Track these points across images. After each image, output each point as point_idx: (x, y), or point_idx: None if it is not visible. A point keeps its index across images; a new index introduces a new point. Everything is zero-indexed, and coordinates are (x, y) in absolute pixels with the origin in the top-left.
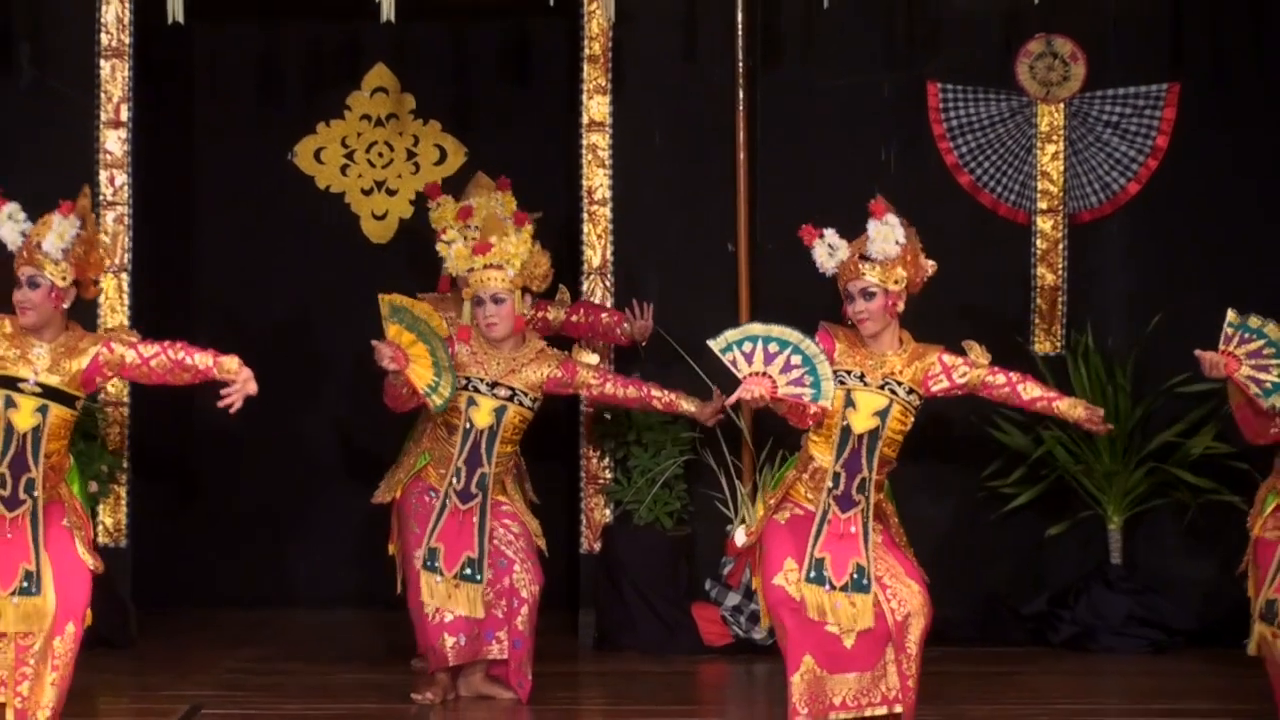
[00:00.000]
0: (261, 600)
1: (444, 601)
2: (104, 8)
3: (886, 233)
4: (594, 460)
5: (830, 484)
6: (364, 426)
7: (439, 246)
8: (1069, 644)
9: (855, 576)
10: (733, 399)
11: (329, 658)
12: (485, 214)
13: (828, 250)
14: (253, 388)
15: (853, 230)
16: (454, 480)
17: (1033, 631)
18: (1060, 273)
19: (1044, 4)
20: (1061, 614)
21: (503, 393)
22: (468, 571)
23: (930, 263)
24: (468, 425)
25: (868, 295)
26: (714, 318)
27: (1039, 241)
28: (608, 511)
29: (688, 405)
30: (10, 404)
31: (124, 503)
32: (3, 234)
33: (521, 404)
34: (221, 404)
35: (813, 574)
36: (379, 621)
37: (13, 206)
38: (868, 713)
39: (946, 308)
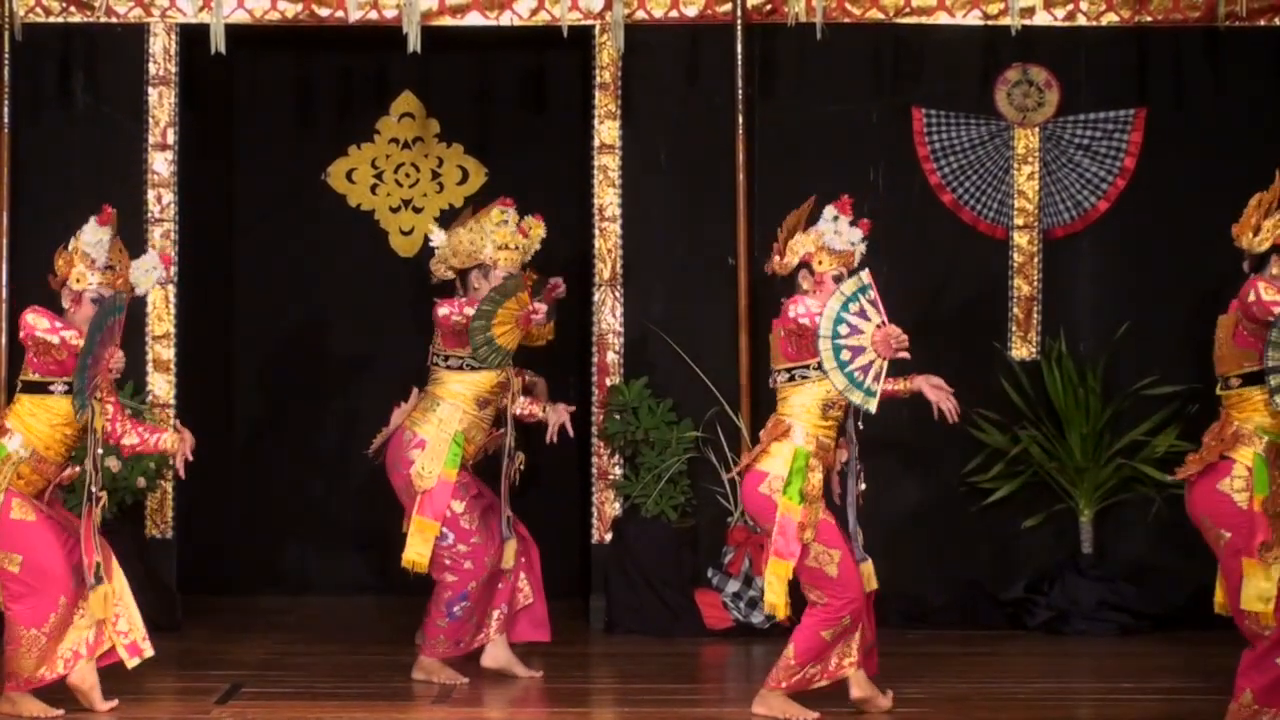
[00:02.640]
0: (297, 586)
1: (510, 562)
2: (152, 40)
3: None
4: (604, 457)
5: (849, 463)
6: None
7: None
8: (1044, 627)
9: (861, 543)
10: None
11: (359, 640)
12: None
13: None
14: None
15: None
16: (511, 444)
17: (1010, 616)
18: (1035, 284)
19: (1020, 36)
20: (1037, 600)
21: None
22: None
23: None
24: (513, 392)
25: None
26: (715, 326)
27: (1016, 255)
28: (617, 505)
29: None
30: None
31: (170, 498)
32: (140, 277)
33: None
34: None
35: (859, 555)
36: (405, 606)
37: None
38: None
39: (930, 316)
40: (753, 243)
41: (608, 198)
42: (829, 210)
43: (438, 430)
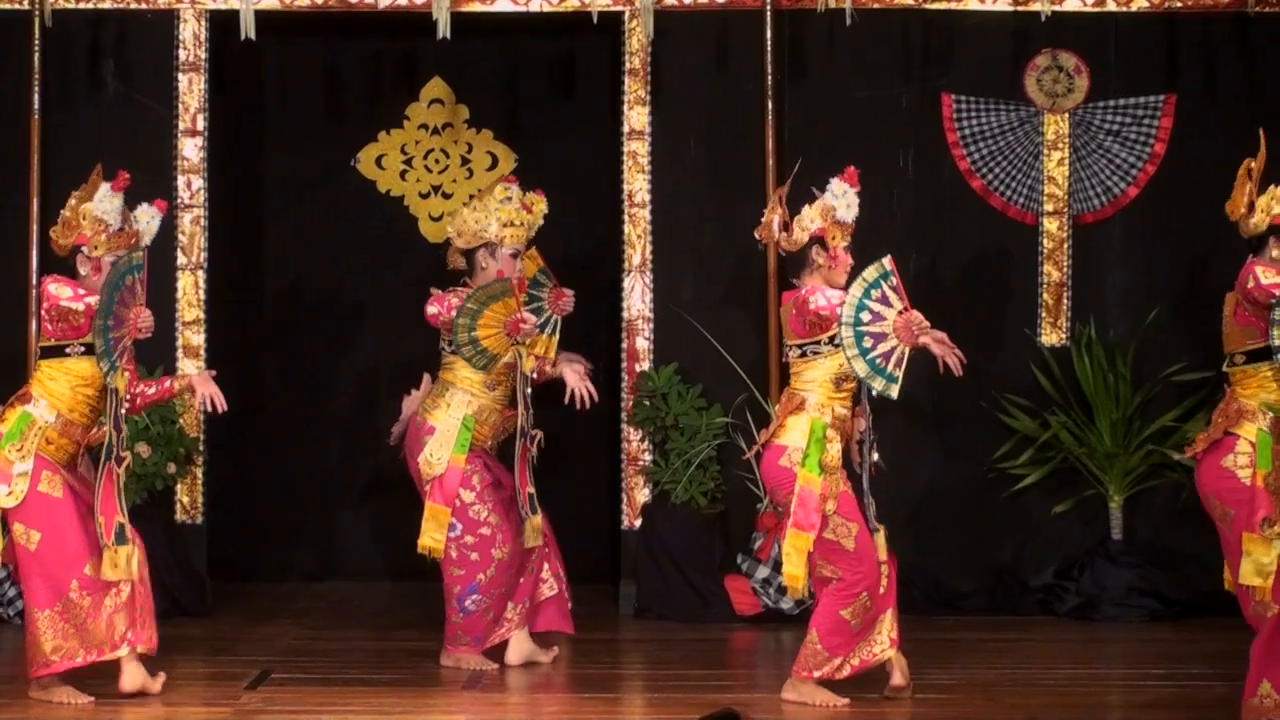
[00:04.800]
0: (326, 572)
1: (535, 539)
2: (181, 26)
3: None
4: (634, 443)
5: (865, 432)
6: None
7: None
8: (1073, 614)
9: (874, 513)
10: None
11: (389, 625)
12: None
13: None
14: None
15: (873, 233)
16: (524, 424)
17: (1040, 602)
18: (1065, 270)
19: (1050, 22)
20: (1067, 586)
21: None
22: (532, 506)
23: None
24: (520, 373)
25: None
26: (745, 312)
27: (1045, 241)
28: (647, 491)
29: (553, 371)
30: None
31: (200, 483)
32: (144, 228)
33: None
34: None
35: (872, 525)
36: (434, 592)
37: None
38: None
39: (961, 302)
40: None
41: (637, 183)
42: (836, 184)
43: (447, 415)
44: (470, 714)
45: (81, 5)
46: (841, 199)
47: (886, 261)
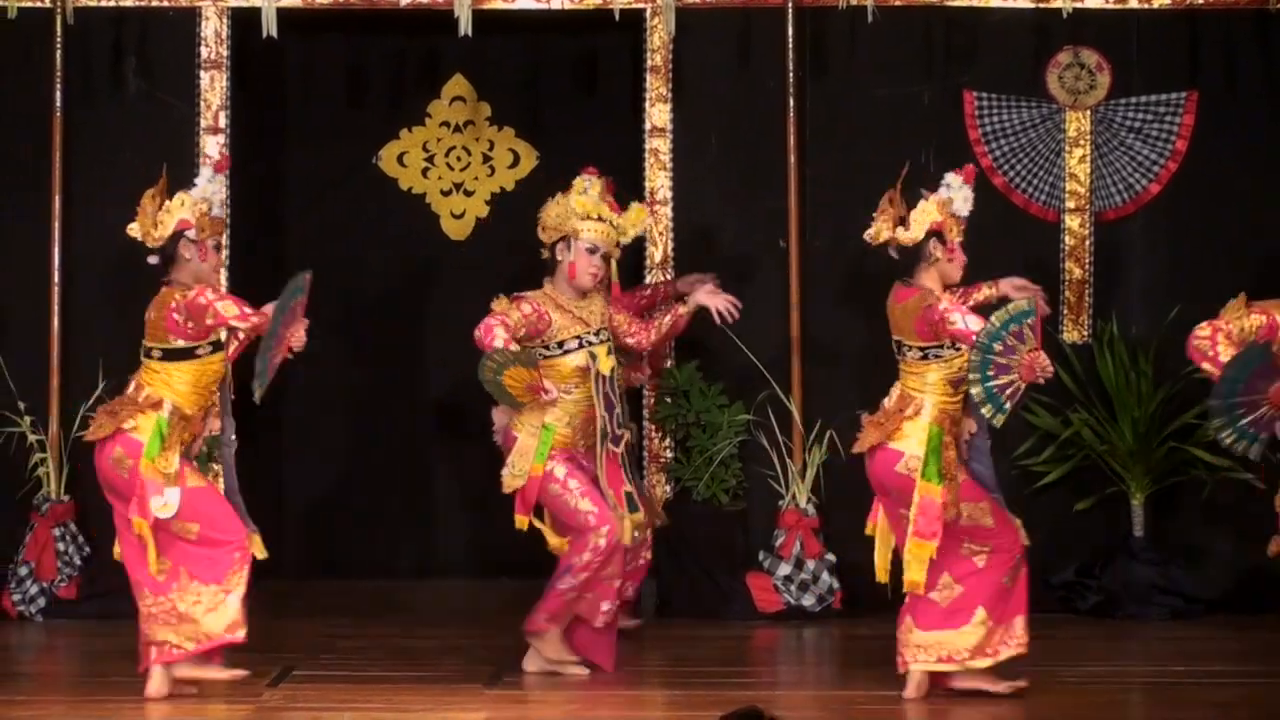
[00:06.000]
0: (348, 570)
1: (628, 536)
2: (203, 23)
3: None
4: (656, 440)
5: (975, 434)
6: (444, 410)
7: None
8: (1095, 611)
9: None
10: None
11: (410, 623)
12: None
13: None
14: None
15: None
16: (605, 428)
17: (1062, 600)
18: (1087, 267)
19: (1072, 18)
20: (1089, 583)
21: (605, 335)
22: (630, 505)
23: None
24: (597, 375)
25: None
26: (767, 310)
27: (1067, 238)
28: (669, 488)
29: (684, 308)
30: None
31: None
32: (212, 195)
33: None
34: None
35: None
36: (455, 590)
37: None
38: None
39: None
40: (804, 226)
41: (659, 181)
42: (951, 178)
43: (527, 424)
44: (491, 711)
45: (103, 3)
46: (958, 192)
47: (1034, 300)
